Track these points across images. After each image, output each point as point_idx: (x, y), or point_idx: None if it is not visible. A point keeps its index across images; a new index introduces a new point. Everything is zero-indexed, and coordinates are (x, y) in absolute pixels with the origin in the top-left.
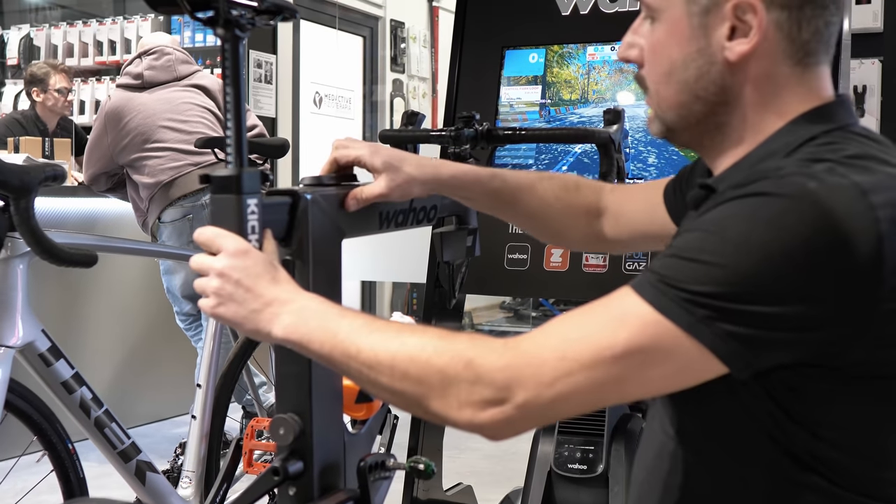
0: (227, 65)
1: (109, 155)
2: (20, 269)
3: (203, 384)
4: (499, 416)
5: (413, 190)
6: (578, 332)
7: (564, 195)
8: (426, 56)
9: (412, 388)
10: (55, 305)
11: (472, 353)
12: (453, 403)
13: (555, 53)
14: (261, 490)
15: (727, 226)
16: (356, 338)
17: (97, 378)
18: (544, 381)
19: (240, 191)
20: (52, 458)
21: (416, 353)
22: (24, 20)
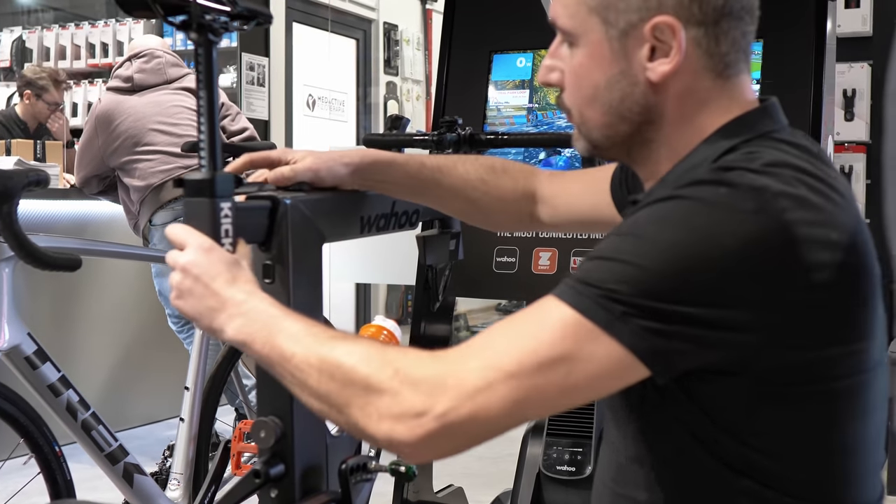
0: (200, 69)
1: (100, 158)
2: (6, 272)
3: (191, 387)
4: (418, 430)
5: (339, 170)
6: (503, 341)
7: (490, 177)
8: (420, 58)
9: (336, 394)
10: (47, 308)
11: (400, 363)
12: (373, 414)
13: (542, 58)
14: (242, 493)
15: (642, 227)
16: (293, 341)
17: (90, 381)
18: (466, 391)
19: (213, 194)
20: (38, 460)
21: (343, 358)
22: (17, 22)
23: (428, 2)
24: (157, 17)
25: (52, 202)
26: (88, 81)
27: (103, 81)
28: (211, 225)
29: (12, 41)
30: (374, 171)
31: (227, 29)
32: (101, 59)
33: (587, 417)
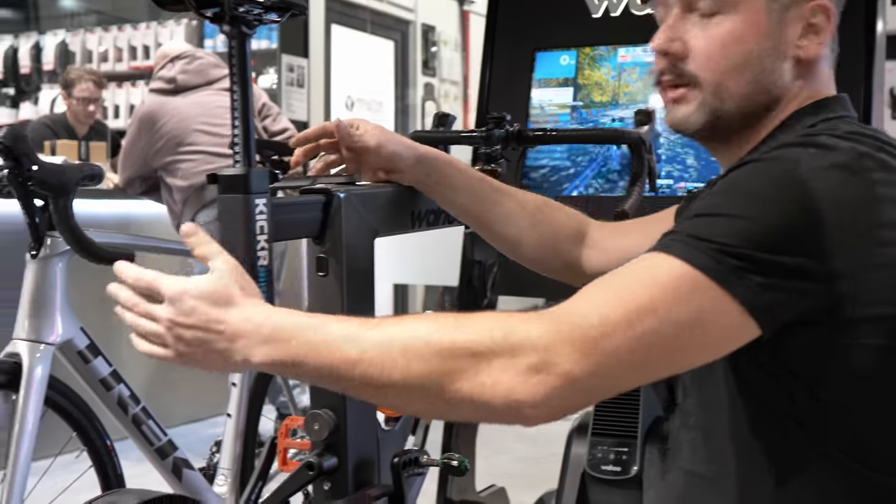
0: (233, 62)
1: (143, 159)
2: (59, 267)
3: (238, 383)
4: (542, 388)
5: (399, 150)
6: (613, 294)
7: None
8: (457, 60)
9: (433, 376)
10: (91, 307)
11: (505, 326)
12: (486, 380)
13: (586, 55)
14: (296, 485)
15: (741, 185)
16: (356, 340)
17: (133, 380)
18: (586, 347)
19: (248, 190)
20: (90, 454)
21: (434, 337)
22: (60, 25)
23: (465, 3)
24: (190, 10)
25: (96, 202)
26: (130, 83)
27: (145, 83)
28: (245, 221)
29: (56, 44)
30: (437, 166)
31: (261, 21)
32: (142, 62)
33: (632, 417)
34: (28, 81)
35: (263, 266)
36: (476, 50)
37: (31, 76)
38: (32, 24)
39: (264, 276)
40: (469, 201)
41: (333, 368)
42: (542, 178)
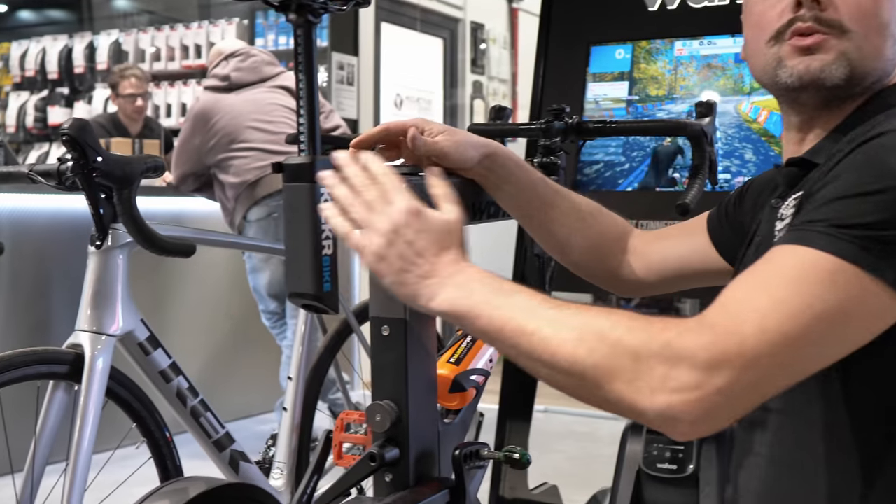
0: (299, 51)
1: (197, 156)
2: (120, 259)
3: (294, 376)
4: (699, 404)
5: (469, 151)
6: (767, 300)
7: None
8: (506, 58)
9: (595, 369)
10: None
11: (670, 334)
12: (644, 389)
13: (642, 49)
14: (358, 476)
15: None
16: (529, 315)
17: None
18: (749, 359)
19: (313, 179)
20: (150, 445)
21: (605, 331)
22: (114, 25)
23: (514, 1)
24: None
25: (150, 199)
26: (182, 83)
27: (196, 82)
28: (310, 210)
29: (109, 44)
30: (502, 164)
31: (327, 10)
32: (194, 61)
33: None
34: (82, 81)
35: (328, 255)
36: (525, 48)
37: (85, 76)
38: (86, 24)
39: (328, 265)
40: (527, 201)
41: (504, 333)
42: (595, 174)
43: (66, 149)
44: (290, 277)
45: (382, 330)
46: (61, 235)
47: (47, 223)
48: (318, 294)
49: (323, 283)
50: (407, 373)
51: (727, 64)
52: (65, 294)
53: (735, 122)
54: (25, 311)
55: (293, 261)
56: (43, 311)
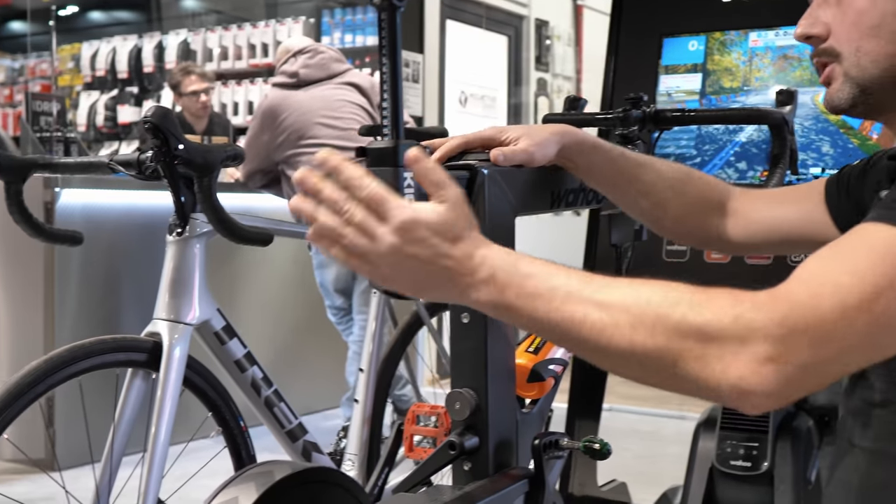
0: (383, 35)
1: (266, 152)
2: (198, 248)
3: (365, 368)
4: (775, 376)
5: (549, 149)
6: (848, 275)
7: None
8: (570, 55)
9: (658, 351)
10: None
11: (739, 309)
12: (715, 365)
13: (716, 40)
14: (437, 464)
15: None
16: (579, 299)
17: None
18: (827, 334)
19: (396, 163)
20: (225, 435)
21: (664, 310)
22: (182, 25)
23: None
24: None
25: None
26: (249, 81)
27: (263, 81)
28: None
29: (178, 44)
30: (579, 151)
31: None
32: (260, 59)
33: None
34: (151, 80)
35: None
36: (589, 45)
37: (154, 75)
38: (155, 24)
39: None
40: (609, 179)
41: (551, 323)
42: None
43: (149, 136)
44: None
45: (462, 317)
46: (132, 231)
47: (119, 219)
48: None
49: None
50: (486, 360)
51: (803, 55)
52: (134, 289)
53: (812, 113)
54: (97, 304)
55: None
56: (113, 305)
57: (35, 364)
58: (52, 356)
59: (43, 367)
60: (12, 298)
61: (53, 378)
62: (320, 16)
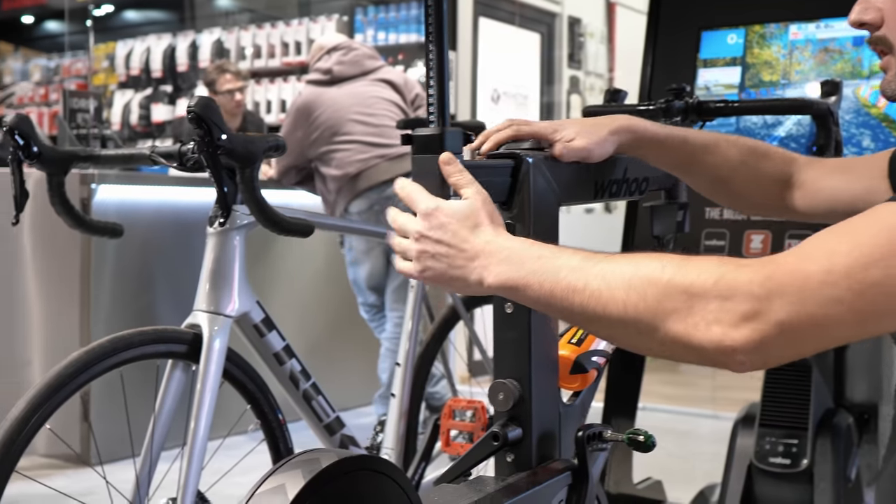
0: (430, 22)
1: (300, 149)
2: (238, 240)
3: (402, 362)
4: (755, 335)
5: (607, 146)
6: (845, 245)
7: (751, 159)
8: (603, 53)
9: (648, 313)
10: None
11: (723, 270)
12: (699, 323)
13: (755, 34)
14: (480, 455)
15: None
16: (577, 273)
17: None
18: (808, 295)
19: (442, 150)
20: (263, 427)
21: (655, 274)
22: (215, 24)
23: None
24: None
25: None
26: (282, 79)
27: (297, 79)
28: (439, 181)
29: (212, 42)
30: (638, 146)
31: None
32: (294, 58)
33: (803, 407)
34: (185, 79)
35: None
36: (622, 43)
37: (188, 74)
38: (189, 23)
39: None
40: (670, 164)
41: (555, 296)
42: None
43: (192, 126)
44: None
45: (506, 307)
46: (166, 227)
47: (153, 215)
48: None
49: None
50: (530, 351)
51: (845, 47)
52: (168, 284)
53: (853, 107)
54: (131, 299)
55: None
56: (147, 301)
57: (77, 354)
58: (94, 347)
59: (85, 358)
60: (48, 293)
61: (95, 368)
62: (353, 13)
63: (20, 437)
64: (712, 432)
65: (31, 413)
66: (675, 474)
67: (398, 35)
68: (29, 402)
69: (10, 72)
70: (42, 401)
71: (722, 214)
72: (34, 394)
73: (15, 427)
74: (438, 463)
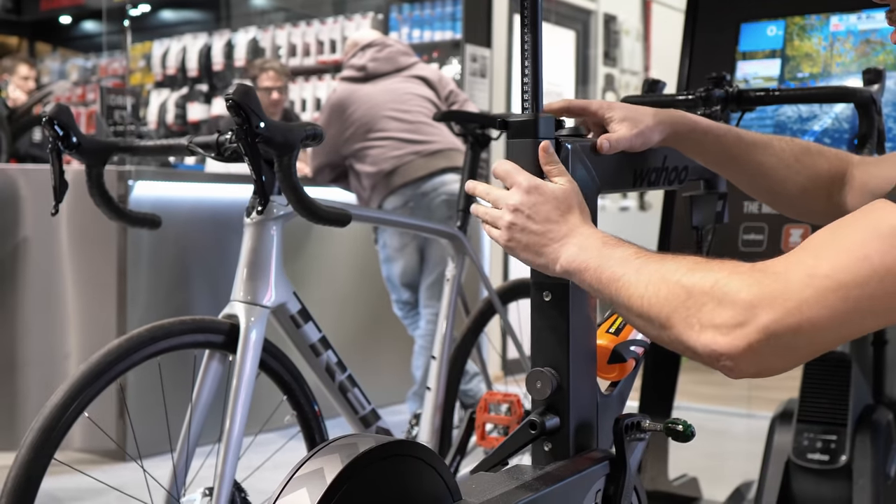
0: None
1: (335, 146)
2: (275, 230)
3: (437, 356)
4: (740, 341)
5: (653, 137)
6: (830, 247)
7: (805, 158)
8: (638, 50)
9: (659, 309)
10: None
11: (720, 274)
12: (694, 325)
13: (795, 25)
14: (518, 443)
15: None
16: (622, 263)
17: None
18: (790, 300)
19: (536, 134)
20: (299, 418)
21: (669, 273)
22: (251, 23)
23: None
24: None
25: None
26: (317, 77)
27: (332, 77)
28: (534, 165)
29: (247, 41)
30: (688, 140)
31: None
32: (329, 56)
33: (842, 403)
34: (221, 78)
35: None
36: (657, 40)
37: (223, 73)
38: (224, 22)
39: None
40: (721, 162)
41: (602, 282)
42: None
43: (231, 114)
44: None
45: (544, 296)
46: (201, 223)
47: (188, 211)
48: None
49: None
50: (568, 339)
51: (887, 38)
52: (203, 280)
53: (894, 98)
54: (166, 294)
55: None
56: (182, 296)
57: (116, 343)
58: (133, 335)
59: (124, 346)
60: (85, 287)
61: (134, 357)
62: (388, 11)
63: (59, 424)
64: (747, 431)
65: (70, 401)
66: (711, 472)
67: (433, 32)
68: (67, 391)
69: (48, 72)
70: (81, 389)
71: (761, 209)
72: (72, 382)
73: (54, 414)
74: (473, 457)
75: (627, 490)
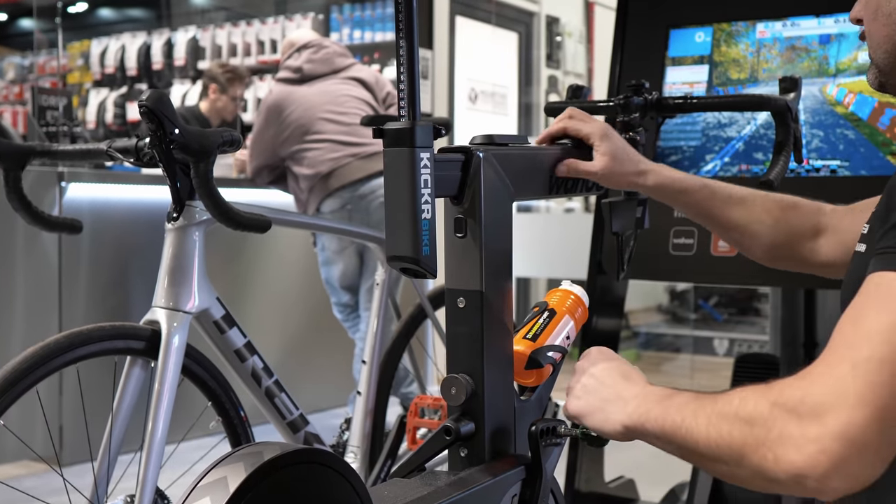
0: (400, 18)
1: (272, 148)
2: (196, 236)
3: (368, 360)
4: (822, 456)
5: (622, 183)
6: (857, 333)
7: (778, 213)
8: (581, 52)
9: (728, 446)
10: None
11: (774, 393)
12: (768, 455)
13: (722, 32)
14: (432, 450)
15: None
16: (681, 409)
17: None
18: (849, 395)
19: (413, 143)
20: (225, 424)
21: (726, 407)
22: (191, 22)
23: None
24: None
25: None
26: (258, 77)
27: (272, 77)
28: (410, 175)
29: (187, 41)
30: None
31: None
32: (269, 56)
33: None
34: (160, 77)
35: (427, 219)
36: (600, 42)
37: (163, 72)
38: (164, 21)
39: (427, 228)
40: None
41: (665, 432)
42: (674, 164)
43: (144, 121)
44: (390, 241)
45: (458, 302)
46: (138, 225)
47: (125, 213)
48: (417, 257)
49: (422, 246)
50: (483, 346)
51: (811, 45)
52: (141, 281)
53: (820, 105)
54: (103, 297)
55: (393, 224)
56: (121, 298)
57: (33, 350)
58: (50, 342)
59: (40, 353)
60: (29, 291)
61: (51, 364)
62: (329, 12)
63: None
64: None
65: None
66: (649, 473)
67: (374, 33)
68: None
69: None
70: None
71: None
72: None
73: None
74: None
75: (544, 494)
